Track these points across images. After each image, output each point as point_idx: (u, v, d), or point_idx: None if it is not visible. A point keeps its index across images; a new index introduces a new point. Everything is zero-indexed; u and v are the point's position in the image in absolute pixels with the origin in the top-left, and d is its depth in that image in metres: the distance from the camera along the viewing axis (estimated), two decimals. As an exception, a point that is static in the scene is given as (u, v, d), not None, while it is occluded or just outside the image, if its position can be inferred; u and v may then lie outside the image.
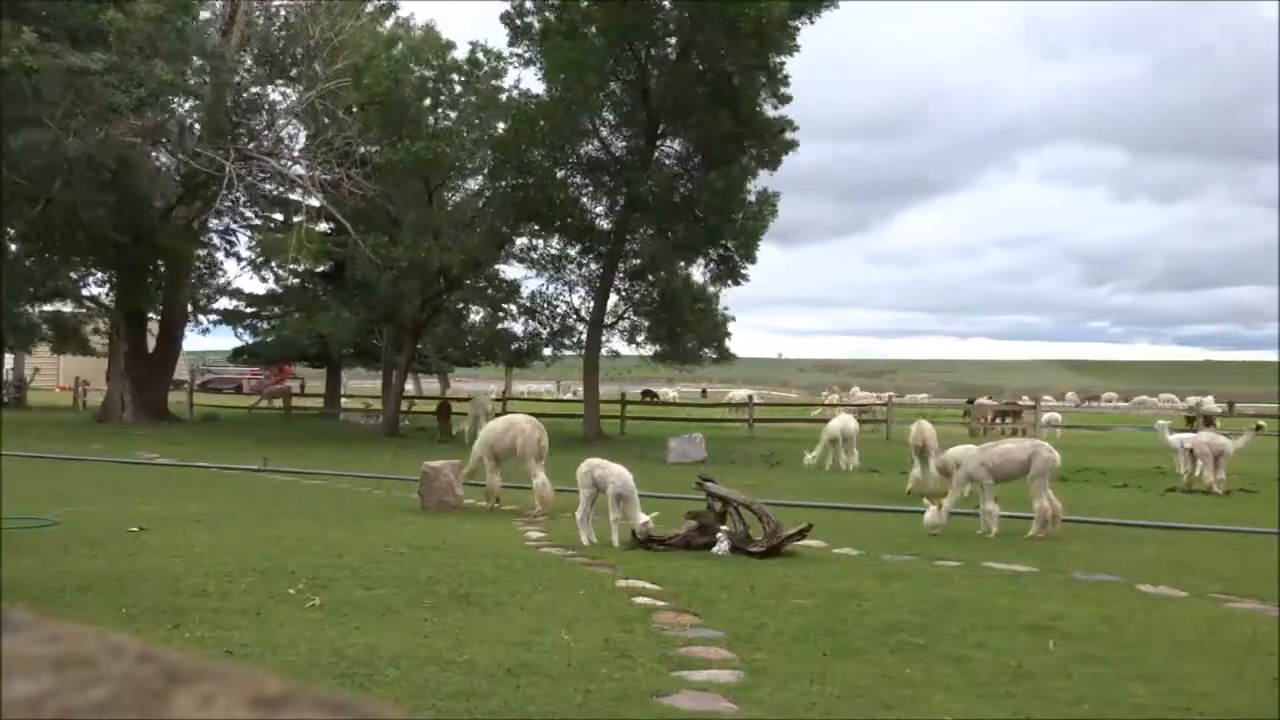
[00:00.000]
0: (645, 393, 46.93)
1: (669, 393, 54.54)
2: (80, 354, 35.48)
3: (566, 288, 28.76)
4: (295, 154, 29.49)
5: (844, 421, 19.97)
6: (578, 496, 10.42)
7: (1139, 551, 10.40)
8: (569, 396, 48.07)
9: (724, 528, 9.91)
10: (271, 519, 11.28)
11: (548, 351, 30.95)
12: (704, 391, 56.51)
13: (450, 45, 26.38)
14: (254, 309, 36.69)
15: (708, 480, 10.82)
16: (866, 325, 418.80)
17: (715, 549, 9.68)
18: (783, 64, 25.23)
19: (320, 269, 34.01)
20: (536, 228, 27.60)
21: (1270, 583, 8.44)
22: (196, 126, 28.58)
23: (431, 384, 55.01)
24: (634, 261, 28.29)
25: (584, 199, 27.51)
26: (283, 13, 30.61)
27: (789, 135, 25.86)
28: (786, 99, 25.54)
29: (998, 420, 32.55)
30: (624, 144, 27.24)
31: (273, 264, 32.56)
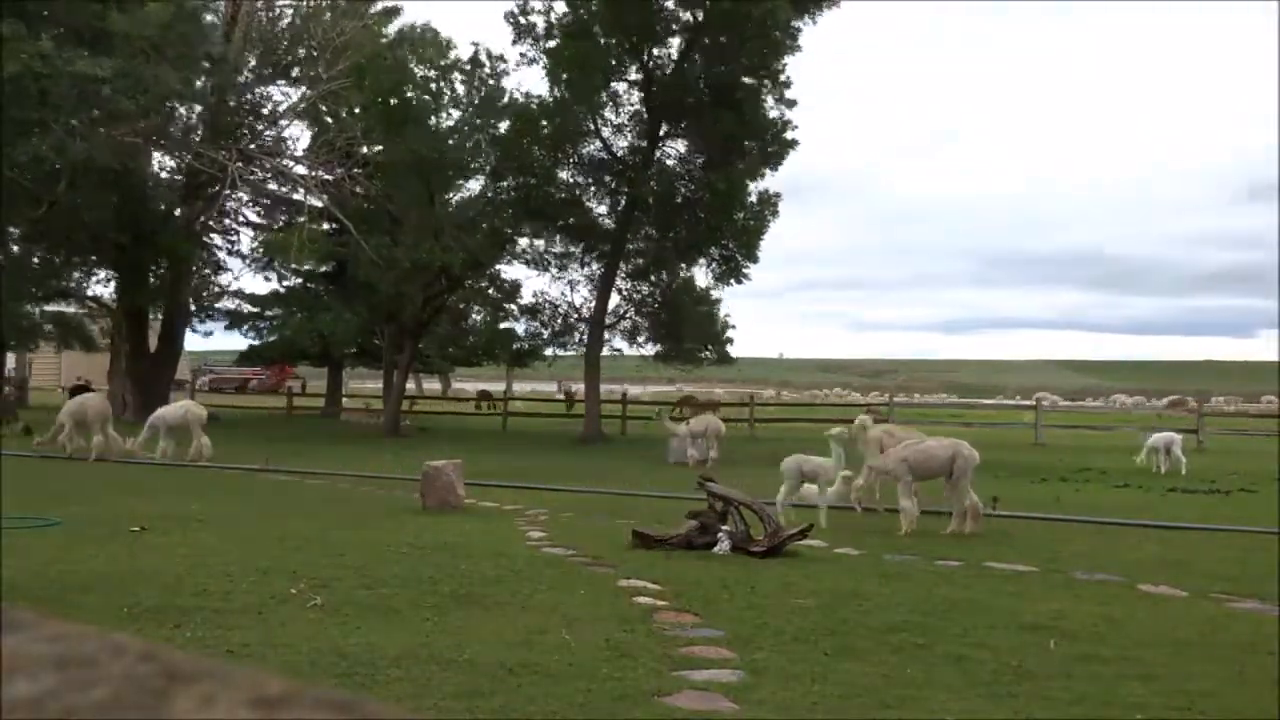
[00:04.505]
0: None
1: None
2: (85, 350, 35.51)
3: (568, 287, 28.83)
4: (298, 154, 29.52)
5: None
6: (780, 488, 11.62)
7: (1139, 551, 10.39)
8: (563, 396, 47.60)
9: (725, 527, 9.91)
10: (273, 519, 11.27)
11: (549, 351, 30.97)
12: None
13: (451, 45, 26.40)
14: (257, 309, 36.72)
15: (709, 480, 10.83)
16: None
17: (716, 549, 9.68)
18: (785, 65, 25.25)
19: (322, 269, 34.05)
20: (538, 227, 27.62)
21: (1270, 583, 8.44)
22: (199, 127, 28.60)
23: (433, 384, 55.00)
24: (636, 261, 28.29)
25: (586, 199, 27.52)
26: (286, 13, 30.63)
27: (789, 135, 25.87)
28: (791, 103, 25.54)
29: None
30: (626, 144, 27.23)
31: (275, 264, 32.60)
